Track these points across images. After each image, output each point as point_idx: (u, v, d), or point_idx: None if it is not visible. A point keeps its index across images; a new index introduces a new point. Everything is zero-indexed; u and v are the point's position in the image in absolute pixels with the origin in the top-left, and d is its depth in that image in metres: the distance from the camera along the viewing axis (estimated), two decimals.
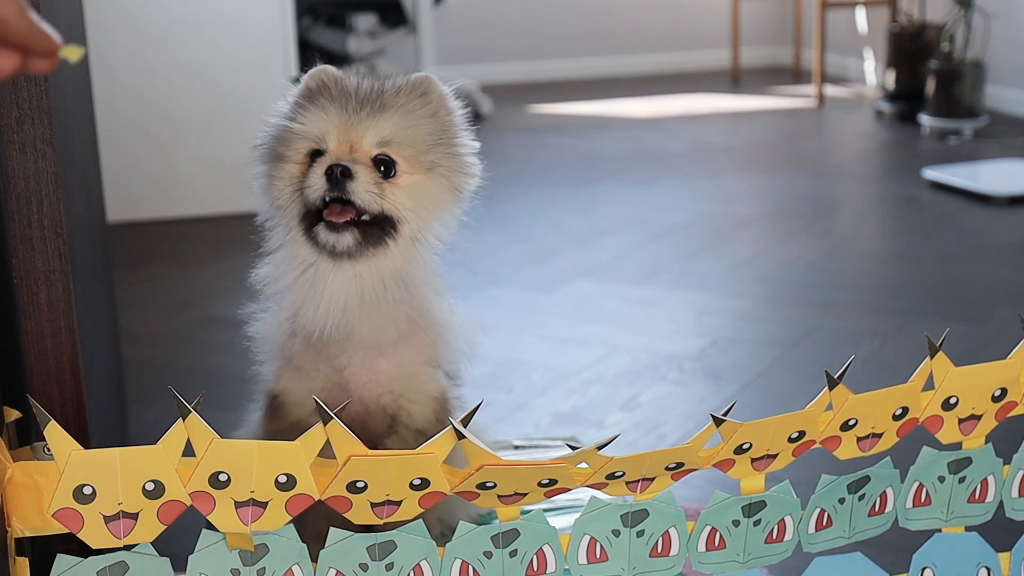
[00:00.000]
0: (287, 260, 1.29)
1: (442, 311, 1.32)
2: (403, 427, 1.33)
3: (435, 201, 1.27)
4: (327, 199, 1.22)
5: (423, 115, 1.27)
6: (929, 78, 4.36)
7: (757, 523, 1.13)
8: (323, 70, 1.29)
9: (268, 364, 1.36)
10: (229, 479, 0.99)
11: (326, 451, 1.01)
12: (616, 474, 1.06)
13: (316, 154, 1.25)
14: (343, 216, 1.23)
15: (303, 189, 1.24)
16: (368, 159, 1.23)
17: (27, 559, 1.03)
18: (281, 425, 1.33)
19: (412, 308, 1.29)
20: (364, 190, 1.22)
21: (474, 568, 1.09)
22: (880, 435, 1.15)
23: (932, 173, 3.66)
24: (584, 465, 1.05)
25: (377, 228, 1.24)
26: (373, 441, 1.33)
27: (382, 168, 1.24)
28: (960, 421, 1.17)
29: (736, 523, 1.13)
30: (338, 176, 1.21)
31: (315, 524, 1.16)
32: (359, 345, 1.28)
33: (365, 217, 1.23)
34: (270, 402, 1.35)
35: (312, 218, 1.25)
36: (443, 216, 1.29)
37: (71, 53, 0.76)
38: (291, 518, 1.03)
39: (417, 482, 1.02)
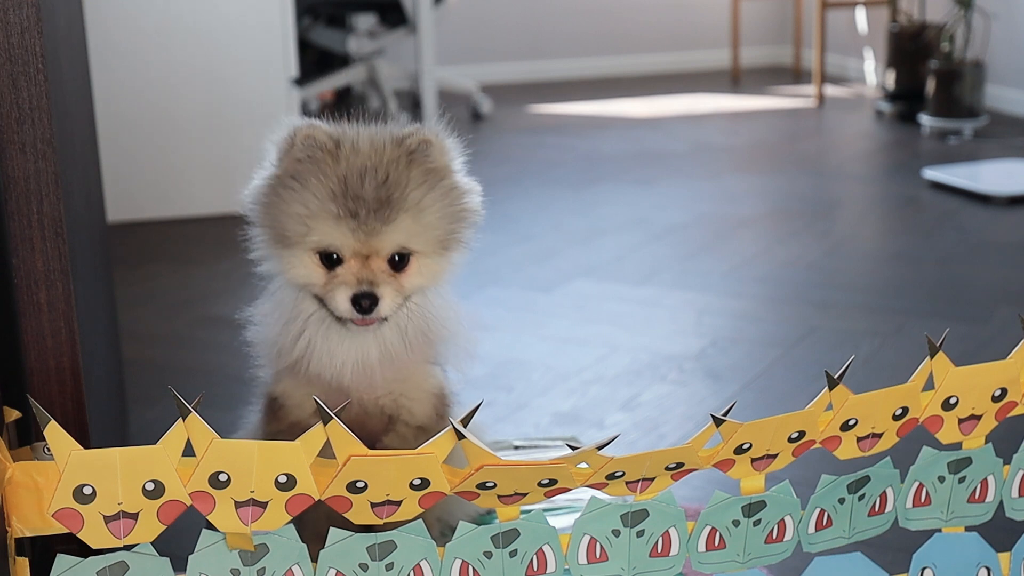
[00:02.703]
0: (294, 311, 1.28)
1: (441, 310, 1.33)
2: (403, 425, 1.33)
3: (449, 268, 1.28)
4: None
5: (433, 200, 1.24)
6: (929, 78, 4.36)
7: (757, 523, 1.13)
8: (313, 137, 1.23)
9: (266, 367, 1.36)
10: (229, 479, 0.99)
11: (326, 451, 1.01)
12: (616, 474, 1.06)
13: (330, 253, 1.23)
14: (370, 323, 1.24)
15: (325, 299, 1.23)
16: (386, 263, 1.23)
17: (27, 559, 1.03)
18: (281, 426, 1.33)
19: (422, 327, 1.30)
20: (390, 307, 1.23)
21: (474, 568, 1.09)
22: (880, 435, 1.15)
23: (932, 173, 3.66)
24: (584, 465, 1.05)
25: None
26: (371, 439, 1.33)
27: (396, 258, 1.23)
28: (960, 421, 1.17)
29: (736, 523, 1.13)
30: (367, 308, 1.21)
31: (315, 524, 1.16)
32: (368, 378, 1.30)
33: None
34: (269, 404, 1.36)
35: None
36: (455, 268, 1.30)
37: None
38: (291, 518, 1.03)
39: (417, 482, 1.02)
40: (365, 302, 1.21)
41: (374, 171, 1.21)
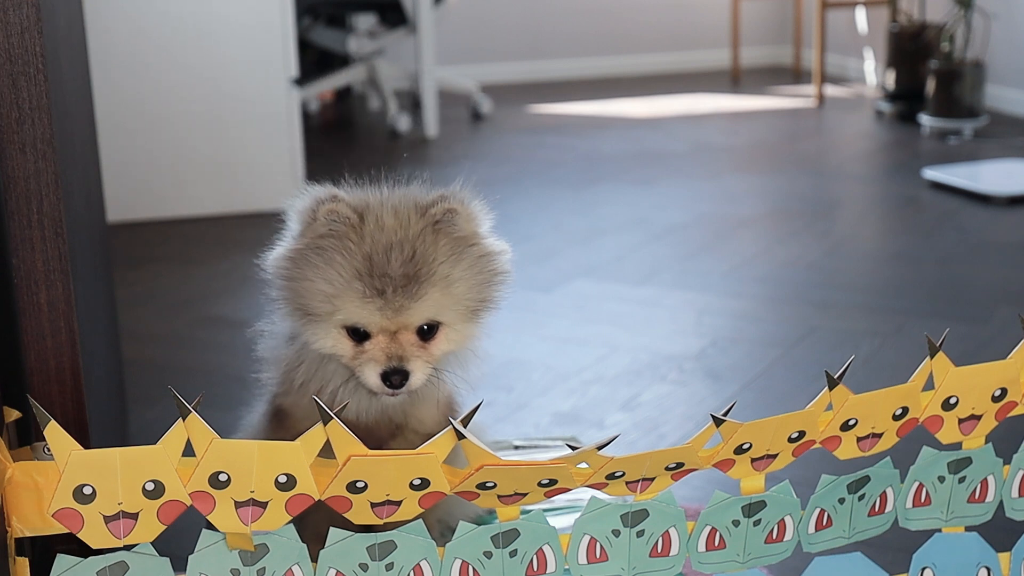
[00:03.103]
0: (320, 371, 1.26)
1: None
2: (411, 432, 1.32)
3: (477, 333, 1.27)
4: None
5: (461, 270, 1.22)
6: (929, 78, 4.36)
7: (757, 523, 1.13)
8: (336, 212, 1.19)
9: (274, 378, 1.35)
10: (229, 479, 0.99)
11: (326, 451, 1.01)
12: (616, 474, 1.06)
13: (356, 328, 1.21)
14: (399, 392, 1.23)
15: (355, 372, 1.21)
16: (414, 335, 1.21)
17: (27, 559, 1.03)
18: (286, 436, 1.32)
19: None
20: (420, 380, 1.22)
21: (474, 568, 1.09)
22: (880, 435, 1.15)
23: (932, 173, 3.66)
24: (584, 465, 1.05)
25: None
26: (378, 445, 1.32)
27: (425, 328, 1.22)
28: (960, 421, 1.17)
29: (736, 523, 1.13)
30: (397, 384, 1.20)
31: (316, 524, 1.16)
32: None
33: None
34: (275, 413, 1.35)
35: None
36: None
37: None
38: (291, 518, 1.03)
39: (417, 482, 1.03)
40: (396, 378, 1.20)
41: (400, 247, 1.19)
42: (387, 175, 1.28)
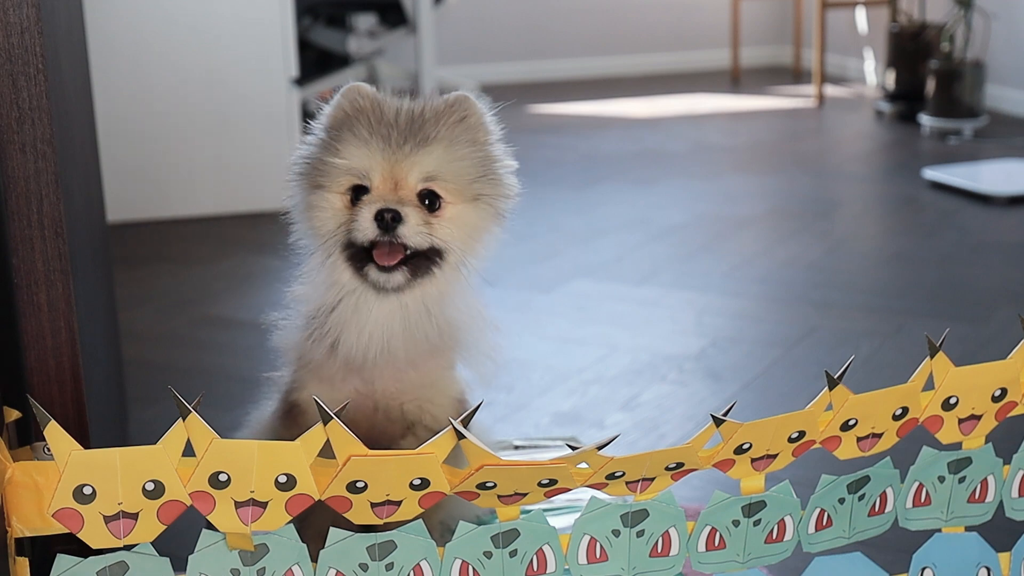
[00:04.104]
0: (327, 284, 1.27)
1: (463, 314, 1.32)
2: (423, 429, 1.32)
3: (480, 228, 1.28)
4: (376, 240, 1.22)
5: (465, 143, 1.26)
6: (929, 78, 4.36)
7: (757, 523, 1.13)
8: (358, 90, 1.26)
9: (290, 372, 1.35)
10: (229, 479, 0.99)
11: (326, 451, 1.01)
12: (616, 474, 1.06)
13: (359, 188, 1.24)
14: (393, 258, 1.22)
15: (350, 229, 1.23)
16: (414, 196, 1.23)
17: (27, 559, 1.03)
18: (300, 433, 1.32)
19: (446, 323, 1.30)
20: (414, 232, 1.22)
21: (474, 568, 1.09)
22: (880, 435, 1.15)
23: (932, 173, 3.66)
24: (584, 465, 1.05)
25: (425, 259, 1.25)
26: (389, 444, 1.32)
27: (427, 201, 1.23)
28: (960, 421, 1.17)
29: (736, 523, 1.13)
30: (389, 221, 1.20)
31: (319, 523, 1.15)
32: (392, 361, 1.29)
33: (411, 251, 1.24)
34: (288, 410, 1.34)
35: (357, 250, 1.24)
36: (487, 240, 1.30)
37: None
38: (291, 518, 1.03)
39: (417, 482, 1.03)
40: (388, 215, 1.20)
41: (411, 112, 1.25)
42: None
